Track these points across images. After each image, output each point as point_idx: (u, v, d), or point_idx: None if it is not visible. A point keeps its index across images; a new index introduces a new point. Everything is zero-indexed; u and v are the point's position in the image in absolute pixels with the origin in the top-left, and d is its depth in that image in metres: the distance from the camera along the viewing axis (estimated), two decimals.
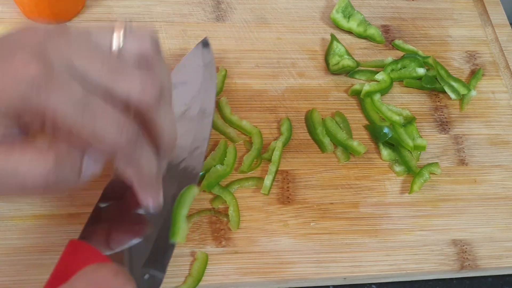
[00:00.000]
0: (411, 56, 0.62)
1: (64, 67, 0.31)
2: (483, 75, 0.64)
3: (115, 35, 0.34)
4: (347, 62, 0.60)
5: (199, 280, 0.47)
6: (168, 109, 0.35)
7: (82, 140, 0.32)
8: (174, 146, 0.37)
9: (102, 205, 0.46)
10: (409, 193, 0.54)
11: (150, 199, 0.37)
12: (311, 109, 0.58)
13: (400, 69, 0.62)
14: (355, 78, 0.62)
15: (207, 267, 0.48)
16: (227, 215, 0.50)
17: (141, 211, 0.45)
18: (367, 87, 0.59)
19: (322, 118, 0.58)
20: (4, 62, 0.31)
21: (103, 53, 0.33)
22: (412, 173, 0.55)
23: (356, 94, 0.60)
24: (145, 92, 0.33)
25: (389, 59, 0.63)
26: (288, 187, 0.53)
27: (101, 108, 0.32)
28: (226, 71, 0.59)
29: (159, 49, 0.36)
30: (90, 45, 0.33)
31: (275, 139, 0.56)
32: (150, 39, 0.35)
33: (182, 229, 0.44)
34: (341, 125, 0.58)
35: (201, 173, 0.52)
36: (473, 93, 0.62)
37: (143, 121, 0.34)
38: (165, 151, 0.37)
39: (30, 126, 0.32)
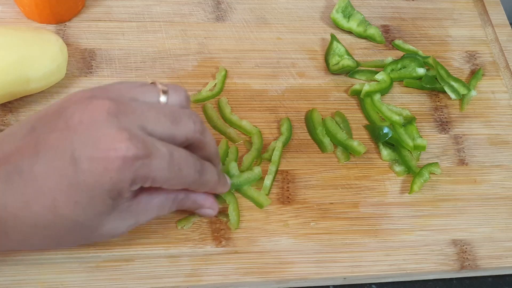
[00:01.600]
0: (411, 56, 0.62)
1: (142, 133, 0.38)
2: (483, 75, 0.64)
3: (161, 93, 0.41)
4: (347, 62, 0.60)
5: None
6: (207, 129, 0.44)
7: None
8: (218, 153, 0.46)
9: None
10: (409, 193, 0.54)
11: (223, 190, 0.48)
12: (311, 109, 0.58)
13: (400, 69, 0.62)
14: (355, 78, 0.62)
15: (207, 267, 0.48)
16: (227, 215, 0.50)
17: None
18: (367, 87, 0.59)
19: (322, 118, 0.58)
20: (95, 142, 0.36)
21: (161, 109, 0.40)
22: (412, 173, 0.55)
23: (356, 94, 0.60)
24: (196, 129, 0.41)
25: (389, 59, 0.63)
26: (288, 187, 0.53)
27: (182, 158, 0.40)
28: (226, 71, 0.59)
29: (189, 99, 0.44)
30: (147, 106, 0.40)
31: (275, 139, 0.56)
32: (185, 92, 0.43)
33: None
34: (341, 125, 0.58)
35: None
36: (473, 93, 0.62)
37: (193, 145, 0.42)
38: (216, 159, 0.46)
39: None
